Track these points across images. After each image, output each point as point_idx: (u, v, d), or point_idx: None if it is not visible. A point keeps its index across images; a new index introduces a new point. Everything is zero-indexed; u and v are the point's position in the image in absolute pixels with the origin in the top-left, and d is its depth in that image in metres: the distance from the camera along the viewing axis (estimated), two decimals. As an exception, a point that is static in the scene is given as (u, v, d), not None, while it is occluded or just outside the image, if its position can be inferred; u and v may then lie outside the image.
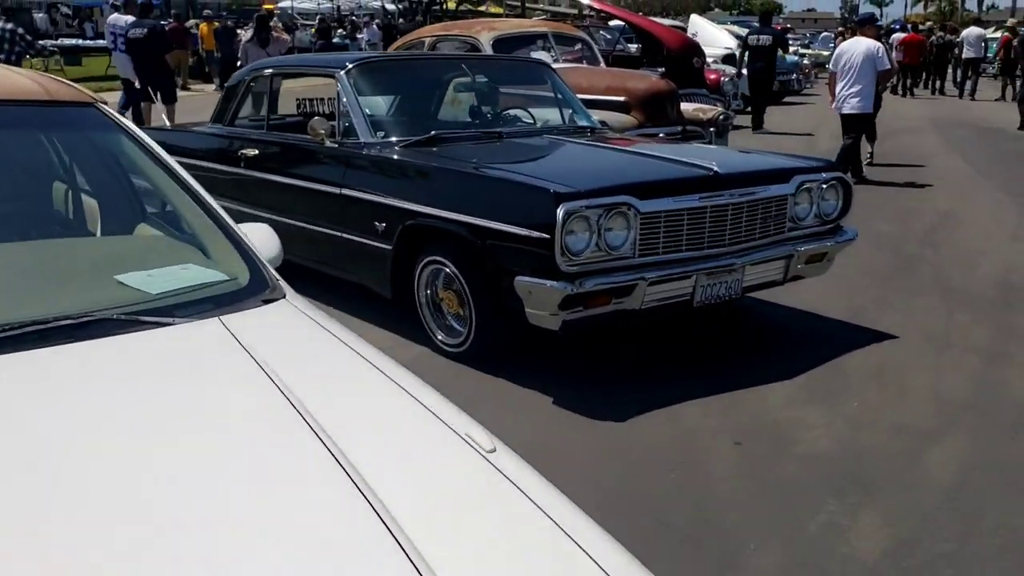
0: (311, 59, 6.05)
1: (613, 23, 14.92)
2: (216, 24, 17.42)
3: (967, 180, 10.65)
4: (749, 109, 15.53)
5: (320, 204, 5.33)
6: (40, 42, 22.17)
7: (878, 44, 10.47)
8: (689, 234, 4.36)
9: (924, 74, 25.92)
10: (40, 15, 33.10)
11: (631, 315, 4.30)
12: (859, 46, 10.28)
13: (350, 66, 5.43)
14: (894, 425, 3.99)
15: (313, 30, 30.23)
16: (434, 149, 5.05)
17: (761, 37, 14.92)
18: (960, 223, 8.28)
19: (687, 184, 4.38)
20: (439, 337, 4.73)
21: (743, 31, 24.21)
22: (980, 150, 13.40)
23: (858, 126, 10.43)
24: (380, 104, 5.55)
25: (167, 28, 15.44)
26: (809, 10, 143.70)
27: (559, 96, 6.16)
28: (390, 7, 40.93)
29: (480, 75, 6.07)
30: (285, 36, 16.39)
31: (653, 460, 3.65)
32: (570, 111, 6.12)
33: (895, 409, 4.15)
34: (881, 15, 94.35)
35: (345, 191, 5.09)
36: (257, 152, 5.93)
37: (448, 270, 4.54)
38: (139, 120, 12.19)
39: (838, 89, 10.38)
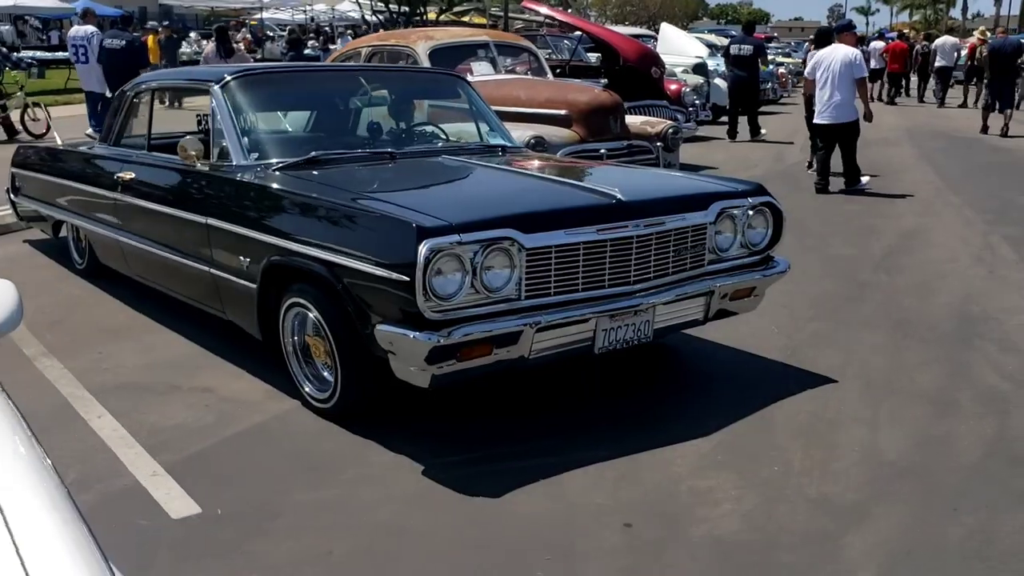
0: (190, 72, 5.47)
1: (577, 32, 14.37)
2: (161, 35, 16.82)
3: (936, 195, 10.10)
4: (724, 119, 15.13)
5: (188, 235, 4.73)
6: (16, 54, 21.56)
7: (856, 51, 10.05)
8: (586, 271, 3.78)
9: (906, 82, 25.65)
10: (6, 27, 32.47)
11: (521, 366, 3.71)
12: (837, 53, 9.87)
13: (227, 79, 4.84)
14: (817, 497, 3.40)
15: (284, 41, 29.66)
16: (314, 173, 4.47)
17: (743, 47, 14.71)
18: (924, 243, 7.72)
19: (583, 214, 3.80)
20: (307, 389, 4.13)
21: (721, 40, 23.76)
22: (953, 162, 12.88)
23: (843, 136, 9.98)
24: (261, 123, 4.95)
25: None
26: (796, 19, 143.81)
27: (474, 111, 5.59)
28: (370, 18, 40.29)
29: (382, 89, 5.49)
30: (245, 51, 15.90)
31: (523, 549, 3.05)
32: (485, 128, 5.55)
33: (821, 475, 3.57)
34: (867, 23, 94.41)
35: (211, 220, 4.50)
36: (132, 175, 5.34)
37: (312, 315, 3.94)
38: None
39: (816, 98, 9.98)
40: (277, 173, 4.43)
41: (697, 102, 14.53)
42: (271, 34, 35.76)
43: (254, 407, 4.19)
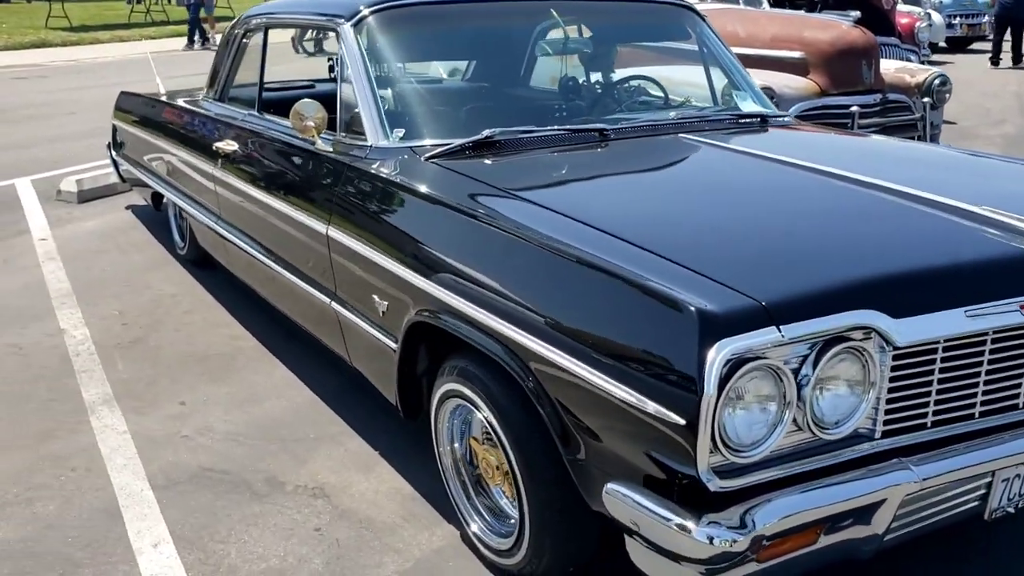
0: (315, 3, 3.90)
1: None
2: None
3: None
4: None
5: (302, 245, 3.23)
6: None
7: None
8: (994, 382, 2.04)
9: None
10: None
11: (860, 554, 2.03)
12: None
13: (363, 13, 3.25)
14: None
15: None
16: (487, 163, 2.85)
17: None
18: None
19: (995, 273, 2.05)
20: (474, 529, 2.56)
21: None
22: None
23: None
24: (411, 83, 3.36)
25: None
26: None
27: (710, 60, 3.83)
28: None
29: (583, 28, 3.80)
30: None
31: None
32: (727, 86, 3.79)
33: None
34: None
35: (332, 231, 2.96)
36: (235, 147, 3.86)
37: (482, 415, 2.36)
38: None
39: None
40: (432, 164, 2.82)
41: (926, 40, 12.12)
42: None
43: (387, 537, 2.66)
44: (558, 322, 2.02)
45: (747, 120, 3.47)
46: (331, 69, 4.89)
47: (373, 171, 2.89)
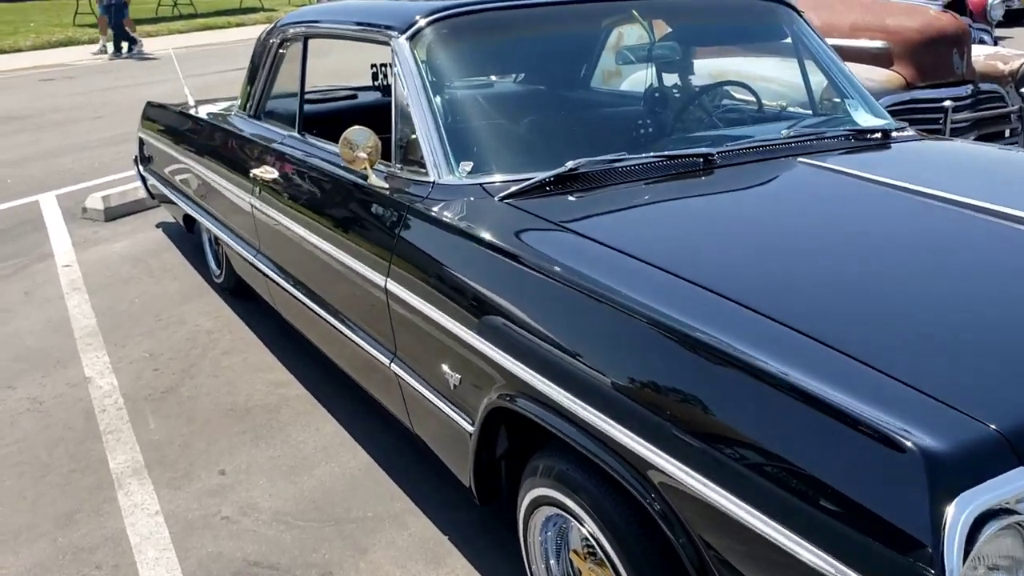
0: (362, 10, 3.40)
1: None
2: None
3: None
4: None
5: (355, 293, 2.79)
6: None
7: None
8: None
9: None
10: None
11: None
12: None
13: (420, 22, 2.79)
14: None
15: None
16: (572, 199, 2.39)
17: None
18: None
19: None
20: (579, 657, 2.13)
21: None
22: None
23: None
24: (476, 104, 2.91)
25: None
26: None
27: (808, 62, 3.33)
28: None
29: (668, 31, 3.31)
30: None
31: None
32: (830, 91, 3.30)
33: None
34: None
35: (392, 284, 2.51)
36: (275, 173, 3.43)
37: (585, 529, 1.91)
38: None
39: None
40: (508, 207, 2.36)
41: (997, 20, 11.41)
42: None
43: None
44: (700, 436, 1.56)
45: (865, 135, 2.97)
46: (375, 76, 4.47)
47: (439, 216, 2.43)
